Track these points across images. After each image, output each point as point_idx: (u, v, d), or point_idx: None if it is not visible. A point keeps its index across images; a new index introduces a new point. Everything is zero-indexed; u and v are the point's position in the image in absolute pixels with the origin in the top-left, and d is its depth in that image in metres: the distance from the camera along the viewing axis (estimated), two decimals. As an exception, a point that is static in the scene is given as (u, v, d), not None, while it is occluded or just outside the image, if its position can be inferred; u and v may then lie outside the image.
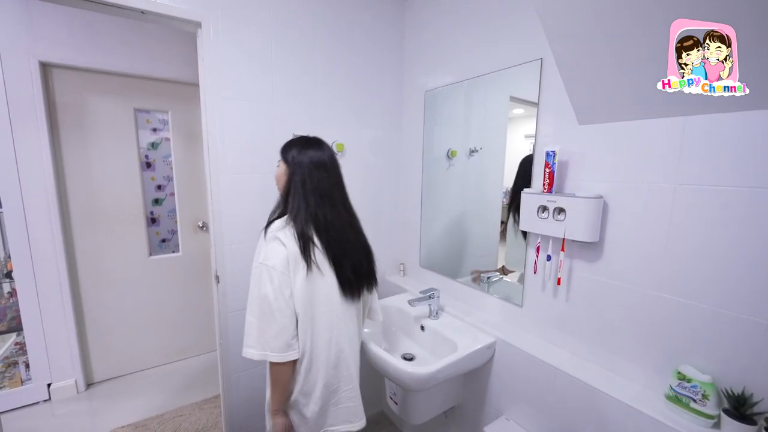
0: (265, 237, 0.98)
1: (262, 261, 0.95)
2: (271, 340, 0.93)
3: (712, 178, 0.81)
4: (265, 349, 0.93)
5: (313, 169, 1.02)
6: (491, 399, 1.31)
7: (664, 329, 0.91)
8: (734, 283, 0.79)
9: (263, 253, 0.96)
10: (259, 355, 0.94)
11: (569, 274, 1.11)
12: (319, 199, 1.00)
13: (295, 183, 1.01)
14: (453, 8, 1.46)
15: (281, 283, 0.94)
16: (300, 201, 0.99)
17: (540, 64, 1.14)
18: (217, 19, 1.30)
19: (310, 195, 1.00)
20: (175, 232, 2.43)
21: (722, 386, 0.80)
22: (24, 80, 1.80)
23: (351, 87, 1.64)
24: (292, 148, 1.05)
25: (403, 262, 1.91)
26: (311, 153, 1.04)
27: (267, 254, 0.95)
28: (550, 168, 1.07)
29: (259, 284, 0.95)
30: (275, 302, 0.93)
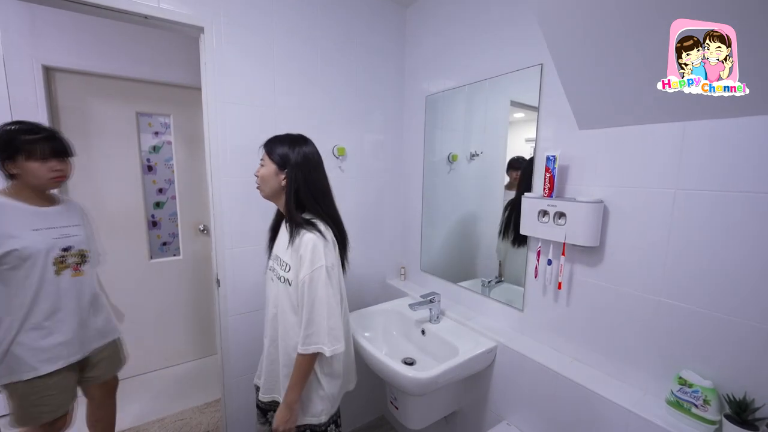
0: (302, 238, 0.99)
1: (324, 263, 0.98)
2: (336, 335, 0.99)
3: (712, 183, 0.81)
4: (334, 344, 0.99)
5: (312, 170, 1.06)
6: (492, 404, 1.31)
7: (665, 334, 0.91)
8: (735, 288, 0.79)
9: (319, 254, 0.98)
10: (330, 351, 0.98)
11: (570, 278, 1.11)
12: (325, 199, 1.08)
13: (297, 184, 1.03)
14: (454, 14, 1.48)
15: (339, 280, 1.05)
16: (311, 202, 1.05)
17: (540, 69, 1.14)
18: (220, 24, 1.31)
19: (320, 196, 1.06)
20: (176, 235, 2.44)
21: (724, 391, 0.80)
22: (27, 84, 1.82)
23: (352, 91, 1.65)
24: (280, 146, 1.06)
25: (404, 266, 1.91)
26: (305, 151, 1.06)
27: (324, 255, 0.99)
28: (550, 172, 1.07)
29: (326, 286, 0.98)
30: (334, 298, 1.00)
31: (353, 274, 1.78)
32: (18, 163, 1.10)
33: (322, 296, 0.97)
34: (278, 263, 1.08)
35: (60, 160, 1.17)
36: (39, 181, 1.13)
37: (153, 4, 1.20)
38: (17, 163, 1.10)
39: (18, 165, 1.10)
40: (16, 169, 1.11)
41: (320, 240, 0.99)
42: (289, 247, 1.03)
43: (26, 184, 1.14)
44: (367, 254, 1.81)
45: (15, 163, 1.10)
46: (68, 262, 1.19)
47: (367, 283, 1.84)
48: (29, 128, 1.12)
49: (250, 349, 1.50)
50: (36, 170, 1.11)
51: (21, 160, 1.09)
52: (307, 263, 0.97)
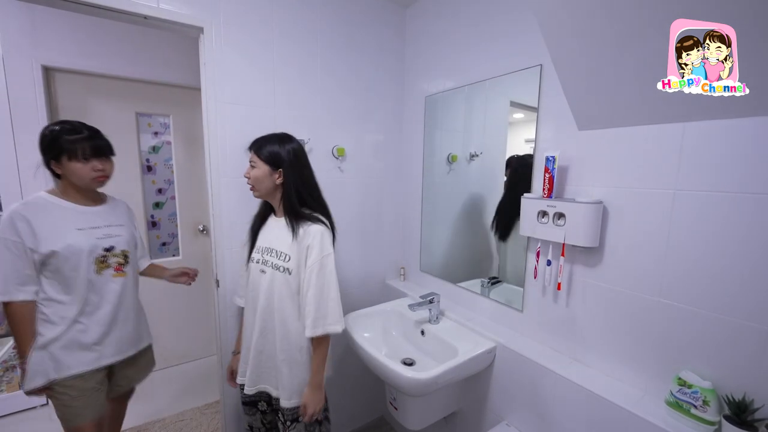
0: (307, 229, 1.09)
1: (331, 251, 1.10)
2: (341, 315, 1.12)
3: (711, 183, 0.81)
4: (342, 324, 1.11)
5: (303, 166, 1.15)
6: (492, 404, 1.31)
7: (664, 335, 0.91)
8: (735, 288, 0.79)
9: (327, 243, 1.09)
10: (341, 328, 1.10)
11: (569, 279, 1.11)
12: (318, 192, 1.18)
13: (295, 181, 1.12)
14: (453, 15, 1.48)
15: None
16: (309, 197, 1.15)
17: (539, 70, 1.14)
18: (219, 24, 1.31)
19: (314, 191, 1.17)
20: (175, 235, 2.44)
21: (723, 392, 0.80)
22: (27, 84, 1.81)
23: (352, 91, 1.65)
24: (269, 145, 1.12)
25: (404, 267, 1.91)
26: (295, 148, 1.14)
27: (329, 243, 1.11)
28: (549, 173, 1.07)
29: (333, 272, 1.09)
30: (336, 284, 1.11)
31: (353, 275, 1.78)
32: (62, 163, 1.10)
33: (331, 281, 1.09)
34: (273, 255, 1.13)
35: (102, 159, 1.16)
36: (82, 181, 1.13)
37: (152, 5, 1.20)
38: (61, 163, 1.10)
39: (62, 165, 1.10)
40: (60, 170, 1.11)
41: (327, 230, 1.10)
42: (293, 239, 1.09)
43: (71, 184, 1.14)
44: (366, 254, 1.81)
45: (59, 163, 1.10)
46: (110, 262, 1.18)
47: (367, 283, 1.84)
48: (72, 128, 1.11)
49: (250, 349, 1.50)
50: (79, 170, 1.11)
51: (64, 161, 1.09)
52: (317, 251, 1.07)
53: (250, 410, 1.24)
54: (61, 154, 1.09)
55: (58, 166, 1.11)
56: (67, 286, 1.11)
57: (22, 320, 1.08)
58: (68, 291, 1.12)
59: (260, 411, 1.24)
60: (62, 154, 1.09)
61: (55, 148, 1.09)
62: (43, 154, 1.11)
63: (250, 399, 1.22)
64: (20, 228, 1.05)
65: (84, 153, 1.11)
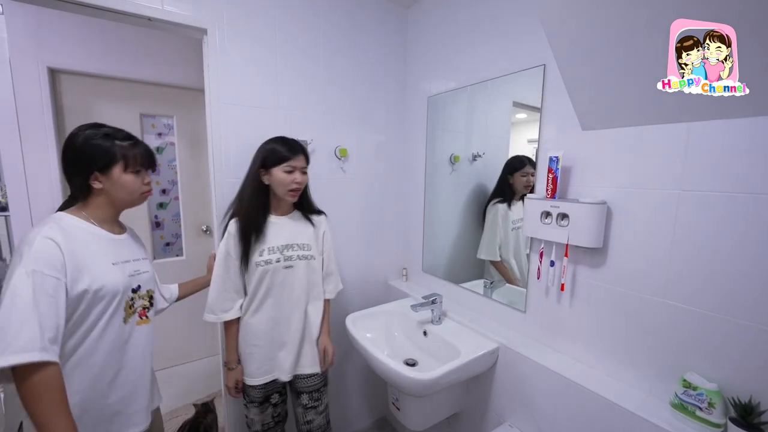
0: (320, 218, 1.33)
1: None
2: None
3: (717, 184, 0.81)
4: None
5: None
6: (494, 405, 1.30)
7: (669, 336, 0.90)
8: (741, 290, 0.78)
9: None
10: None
11: (573, 280, 1.10)
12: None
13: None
14: (455, 15, 1.48)
15: None
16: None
17: (543, 70, 1.14)
18: (223, 26, 1.32)
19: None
20: (179, 235, 2.45)
21: (729, 394, 0.79)
22: (33, 86, 1.83)
23: (354, 92, 1.66)
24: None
25: (406, 267, 1.90)
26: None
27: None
28: (553, 173, 1.07)
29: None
30: None
31: (355, 275, 1.78)
32: (110, 175, 0.89)
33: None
34: (295, 249, 1.24)
35: (148, 171, 0.99)
36: (131, 196, 0.94)
37: (156, 6, 1.21)
38: (109, 175, 0.89)
39: (110, 177, 0.89)
40: (103, 183, 0.89)
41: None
42: (314, 230, 1.29)
43: (108, 203, 0.92)
44: (368, 255, 1.81)
45: (106, 175, 0.88)
46: (136, 306, 0.95)
47: (369, 284, 1.84)
48: (125, 134, 0.93)
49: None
50: (130, 184, 0.92)
51: (116, 172, 0.89)
52: (329, 235, 1.33)
53: (262, 408, 1.27)
54: (112, 163, 0.88)
55: (101, 179, 0.89)
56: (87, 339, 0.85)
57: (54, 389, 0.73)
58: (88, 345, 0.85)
59: (272, 404, 1.29)
60: (114, 164, 0.89)
61: (106, 157, 0.88)
62: (88, 164, 0.87)
63: (263, 396, 1.26)
64: (57, 260, 0.78)
65: (139, 163, 0.93)
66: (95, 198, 0.91)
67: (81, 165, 0.87)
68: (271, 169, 1.17)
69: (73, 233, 0.84)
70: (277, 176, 1.16)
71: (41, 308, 0.73)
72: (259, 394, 1.25)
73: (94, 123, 0.91)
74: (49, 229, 0.80)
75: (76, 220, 0.88)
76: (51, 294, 0.75)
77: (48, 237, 0.79)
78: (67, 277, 0.79)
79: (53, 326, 0.75)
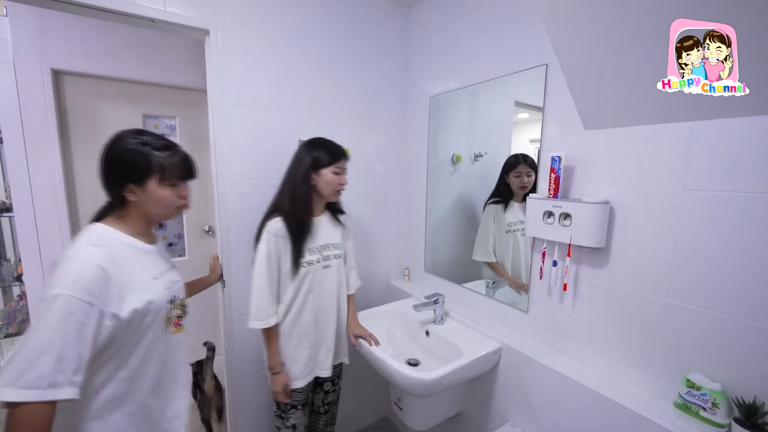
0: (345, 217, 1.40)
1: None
2: None
3: (720, 183, 0.80)
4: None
5: None
6: (497, 406, 1.30)
7: (672, 336, 0.90)
8: (744, 289, 0.78)
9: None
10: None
11: (575, 279, 1.10)
12: None
13: None
14: (458, 14, 1.47)
15: None
16: None
17: (545, 69, 1.14)
18: (225, 27, 1.32)
19: None
20: (181, 236, 2.46)
21: (733, 395, 0.79)
22: (36, 87, 1.84)
23: (356, 93, 1.66)
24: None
25: (408, 267, 1.90)
26: None
27: None
28: (555, 173, 1.07)
29: None
30: None
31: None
32: (146, 187, 0.83)
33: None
34: (330, 249, 1.28)
35: (186, 184, 0.92)
36: (166, 210, 0.88)
37: (159, 8, 1.21)
38: (145, 186, 0.83)
39: (145, 189, 0.83)
40: (138, 195, 0.83)
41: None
42: (343, 230, 1.35)
43: (142, 215, 0.87)
44: (370, 255, 1.81)
45: (141, 186, 0.82)
46: (172, 317, 0.92)
47: (371, 284, 1.84)
48: (165, 144, 0.86)
49: (255, 349, 1.51)
50: (166, 197, 0.86)
51: (152, 184, 0.83)
52: (352, 232, 1.41)
53: (304, 410, 1.31)
54: (147, 176, 0.82)
55: (136, 191, 0.83)
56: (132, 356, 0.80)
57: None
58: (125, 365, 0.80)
59: (308, 403, 1.34)
60: (149, 177, 0.82)
61: (141, 169, 0.82)
62: (123, 175, 0.81)
63: (305, 398, 1.29)
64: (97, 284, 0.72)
65: (176, 175, 0.86)
66: (130, 210, 0.85)
67: (116, 175, 0.82)
68: (320, 170, 1.19)
69: (118, 250, 0.80)
70: (326, 177, 1.20)
71: (66, 336, 0.67)
72: (302, 396, 1.27)
73: (136, 129, 0.86)
74: (94, 248, 0.75)
75: (117, 233, 0.82)
76: (82, 321, 0.69)
77: (92, 257, 0.73)
78: (108, 302, 0.73)
79: (75, 356, 0.68)
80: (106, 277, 0.73)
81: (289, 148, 1.50)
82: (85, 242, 0.76)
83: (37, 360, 0.65)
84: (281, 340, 1.24)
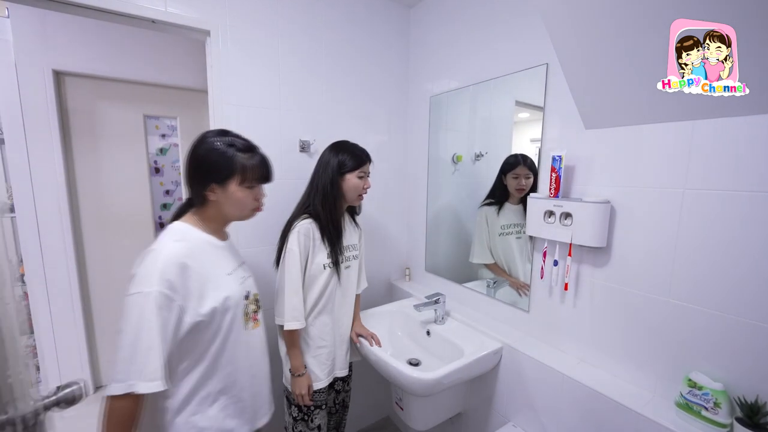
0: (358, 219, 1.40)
1: None
2: None
3: (722, 182, 0.80)
4: None
5: None
6: (498, 405, 1.30)
7: (673, 335, 0.89)
8: (747, 289, 0.78)
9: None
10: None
11: (576, 279, 1.10)
12: None
13: None
14: (458, 14, 1.47)
15: None
16: None
17: (545, 69, 1.14)
18: (226, 27, 1.32)
19: None
20: (182, 236, 2.46)
21: (734, 394, 0.79)
22: (38, 88, 1.85)
23: (357, 93, 1.66)
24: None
25: (409, 267, 1.90)
26: None
27: None
28: (556, 172, 1.07)
29: None
30: None
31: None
32: (227, 187, 0.84)
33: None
34: (351, 250, 1.31)
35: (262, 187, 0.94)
36: (242, 212, 0.90)
37: (160, 8, 1.21)
38: (226, 187, 0.84)
39: (225, 190, 0.85)
40: (217, 195, 0.85)
41: None
42: (359, 231, 1.38)
43: (218, 213, 0.88)
44: (371, 255, 1.81)
45: (222, 186, 0.84)
46: (249, 312, 0.94)
47: (372, 283, 1.83)
48: (246, 145, 0.88)
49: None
50: (243, 199, 0.88)
51: (232, 185, 0.85)
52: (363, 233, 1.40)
53: (325, 410, 1.31)
54: (230, 176, 0.84)
55: (217, 190, 0.85)
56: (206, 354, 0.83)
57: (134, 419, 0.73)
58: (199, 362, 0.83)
59: (327, 404, 1.34)
60: (231, 177, 0.84)
61: (226, 169, 0.83)
62: (207, 174, 0.83)
63: (326, 398, 1.29)
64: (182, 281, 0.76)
65: (255, 177, 0.88)
66: (209, 208, 0.88)
67: (201, 174, 0.85)
68: (345, 174, 1.20)
69: (197, 246, 0.84)
70: (351, 181, 1.21)
71: (164, 332, 0.73)
72: (324, 396, 1.27)
73: (221, 130, 0.89)
74: (176, 243, 0.79)
75: (196, 230, 0.86)
76: (165, 316, 0.73)
77: (174, 253, 0.77)
78: (188, 297, 0.77)
79: (167, 351, 0.74)
80: (187, 272, 0.77)
81: (290, 149, 1.51)
82: (168, 239, 0.81)
83: (148, 356, 0.70)
84: (301, 341, 1.23)
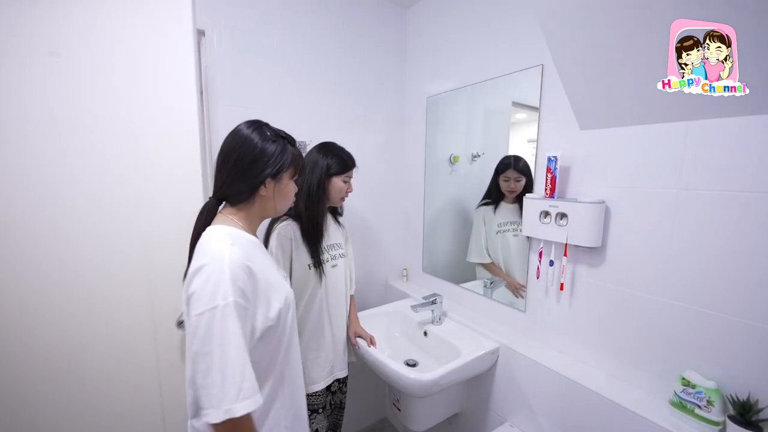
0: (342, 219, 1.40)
1: None
2: None
3: (714, 182, 0.81)
4: None
5: None
6: (495, 405, 1.30)
7: (668, 335, 0.90)
8: (739, 288, 0.78)
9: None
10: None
11: (572, 279, 1.10)
12: None
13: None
14: (454, 15, 1.48)
15: None
16: None
17: (541, 69, 1.14)
18: (221, 27, 1.32)
19: None
20: (178, 237, 2.44)
21: (727, 392, 0.80)
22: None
23: (353, 92, 1.66)
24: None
25: (406, 268, 1.91)
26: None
27: None
28: (552, 173, 1.07)
29: None
30: None
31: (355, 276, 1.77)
32: (281, 180, 0.80)
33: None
34: (336, 248, 1.31)
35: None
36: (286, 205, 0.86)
37: (155, 9, 1.21)
38: (280, 180, 0.79)
39: (280, 184, 0.80)
40: (269, 190, 0.79)
41: None
42: (343, 231, 1.38)
43: (261, 210, 0.81)
44: (368, 256, 1.81)
45: (276, 180, 0.79)
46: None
47: (369, 284, 1.84)
48: (289, 136, 0.85)
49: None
50: (292, 191, 0.85)
51: (284, 179, 0.81)
52: (349, 233, 1.41)
53: (324, 413, 1.30)
54: (283, 169, 0.78)
55: (270, 184, 0.78)
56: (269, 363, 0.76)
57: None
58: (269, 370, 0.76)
59: (330, 406, 1.35)
60: (285, 170, 0.79)
61: (282, 162, 0.78)
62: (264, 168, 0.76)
63: (323, 401, 1.28)
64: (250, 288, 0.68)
65: (299, 170, 0.85)
66: (252, 205, 0.79)
67: (257, 169, 0.75)
68: (331, 178, 1.22)
69: (251, 250, 0.75)
70: (336, 184, 1.22)
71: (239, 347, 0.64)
72: (322, 400, 1.26)
73: (258, 120, 0.81)
74: (233, 247, 0.69)
75: (241, 232, 0.76)
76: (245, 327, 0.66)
77: (240, 260, 0.68)
78: (257, 302, 0.70)
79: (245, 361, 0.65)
80: (254, 277, 0.69)
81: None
82: (220, 245, 0.69)
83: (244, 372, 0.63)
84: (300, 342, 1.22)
